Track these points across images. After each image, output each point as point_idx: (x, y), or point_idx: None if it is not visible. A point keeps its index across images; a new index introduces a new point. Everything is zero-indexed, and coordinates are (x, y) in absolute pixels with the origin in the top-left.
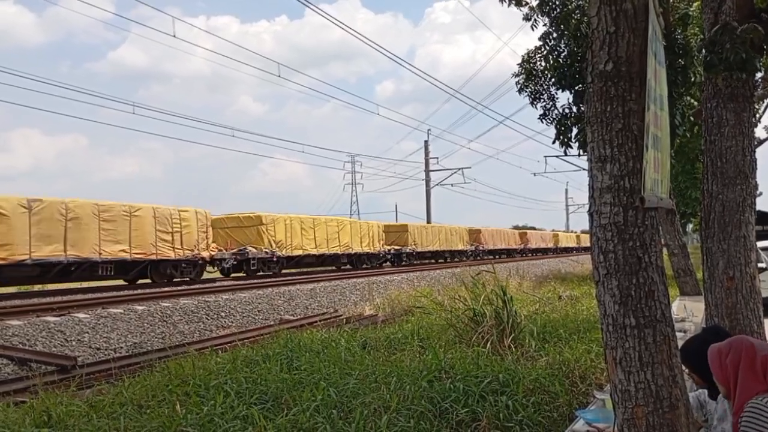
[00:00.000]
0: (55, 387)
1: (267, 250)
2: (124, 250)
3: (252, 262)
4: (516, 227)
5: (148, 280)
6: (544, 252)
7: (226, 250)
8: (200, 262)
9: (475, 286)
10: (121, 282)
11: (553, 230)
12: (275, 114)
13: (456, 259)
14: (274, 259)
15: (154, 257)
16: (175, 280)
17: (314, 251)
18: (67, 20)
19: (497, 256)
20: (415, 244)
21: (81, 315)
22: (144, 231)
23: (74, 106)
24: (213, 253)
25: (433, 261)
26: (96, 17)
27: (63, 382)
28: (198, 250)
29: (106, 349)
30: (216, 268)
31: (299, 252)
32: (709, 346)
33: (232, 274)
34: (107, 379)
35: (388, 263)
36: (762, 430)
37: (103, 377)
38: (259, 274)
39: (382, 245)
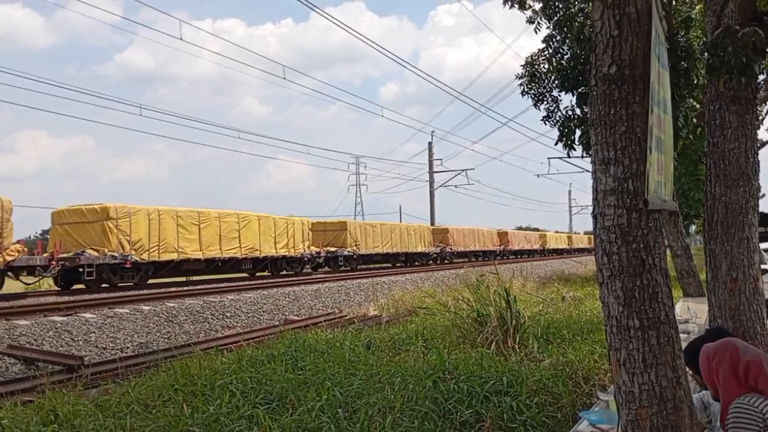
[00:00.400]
0: (61, 386)
1: (116, 253)
2: None
3: (88, 270)
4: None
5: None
6: (529, 254)
7: (57, 254)
8: None
9: (479, 288)
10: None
11: (537, 229)
12: (280, 116)
13: (416, 263)
14: (128, 265)
15: None
16: None
17: (198, 255)
18: (75, 23)
19: (470, 259)
20: (356, 246)
21: (88, 315)
22: None
23: (81, 107)
24: (12, 258)
25: (388, 265)
26: (103, 20)
27: (70, 382)
28: None
29: (112, 349)
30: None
31: (172, 256)
32: None
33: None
34: (113, 378)
35: (319, 269)
36: (747, 427)
37: (109, 377)
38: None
39: (308, 246)
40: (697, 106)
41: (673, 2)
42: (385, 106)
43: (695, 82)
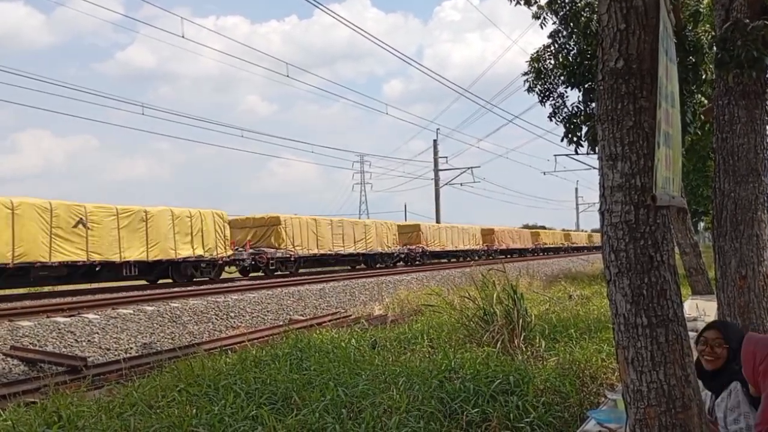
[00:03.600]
0: (65, 388)
1: None
2: None
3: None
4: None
5: None
6: (520, 254)
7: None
8: None
9: (485, 286)
10: (130, 283)
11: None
12: (284, 114)
13: (379, 265)
14: None
15: None
16: None
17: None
18: (75, 21)
19: (449, 260)
20: (294, 246)
21: (91, 316)
22: None
23: (84, 107)
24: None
25: (343, 269)
26: (104, 18)
27: (73, 383)
28: None
29: (116, 350)
30: None
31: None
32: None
33: None
34: (117, 379)
35: (248, 274)
36: None
37: (113, 378)
38: None
39: (227, 246)
40: (706, 101)
41: None
42: (390, 103)
43: (704, 77)
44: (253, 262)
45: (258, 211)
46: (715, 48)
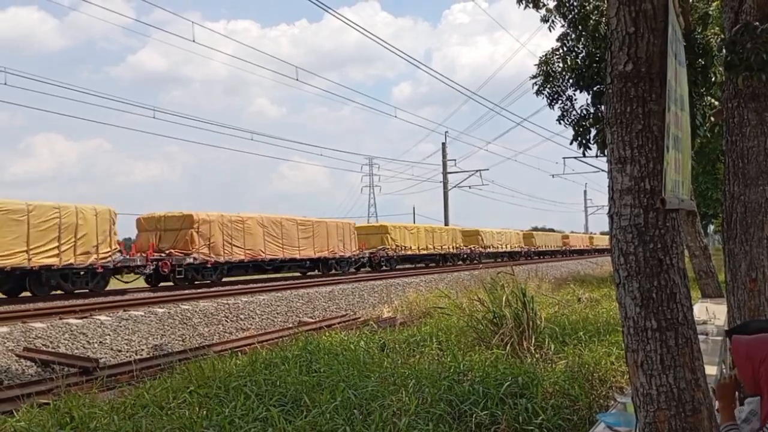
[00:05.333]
0: (77, 389)
1: None
2: None
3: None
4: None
5: None
6: (509, 257)
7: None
8: None
9: (494, 288)
10: (136, 285)
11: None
12: (293, 117)
13: (334, 272)
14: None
15: None
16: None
17: None
18: (88, 25)
19: (427, 264)
20: (211, 248)
21: (103, 317)
22: None
23: (97, 111)
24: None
25: (279, 277)
26: (116, 22)
27: (85, 384)
28: None
29: (127, 351)
30: None
31: None
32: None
33: None
34: (129, 380)
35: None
36: None
37: (124, 379)
38: None
39: (115, 251)
40: (716, 103)
41: None
42: (399, 106)
43: (713, 79)
44: (153, 270)
45: (269, 213)
46: (724, 51)
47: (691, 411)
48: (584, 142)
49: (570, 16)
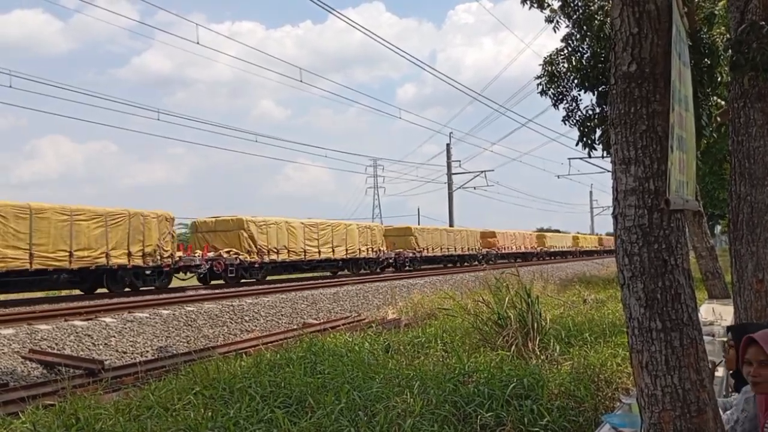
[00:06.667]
0: (83, 390)
1: None
2: None
3: None
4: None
5: None
6: (454, 261)
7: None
8: None
9: (498, 290)
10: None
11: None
12: (298, 118)
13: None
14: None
15: None
16: None
17: None
18: (92, 27)
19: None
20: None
21: (108, 319)
22: None
23: (102, 113)
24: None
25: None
26: (121, 25)
27: (91, 386)
28: None
29: (132, 353)
30: None
31: None
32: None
33: None
34: (134, 382)
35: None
36: None
37: (129, 380)
38: None
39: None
40: (722, 103)
41: None
42: (403, 107)
43: (719, 79)
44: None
45: (273, 214)
46: (730, 50)
47: (696, 412)
48: (589, 142)
49: (575, 16)
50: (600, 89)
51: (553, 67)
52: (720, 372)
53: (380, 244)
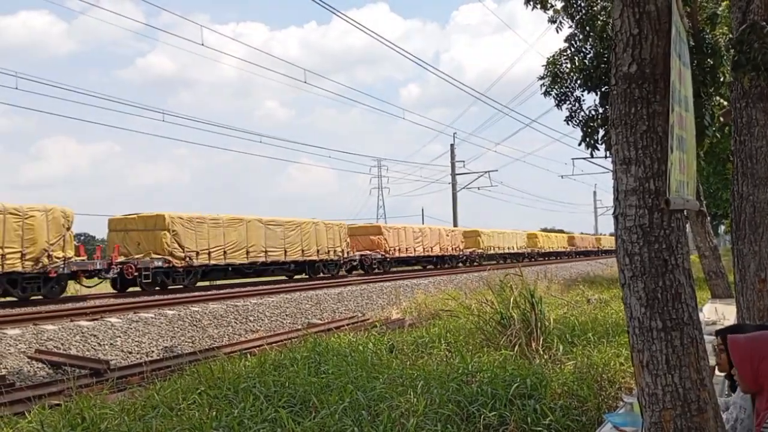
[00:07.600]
0: (88, 390)
1: None
2: None
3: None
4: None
5: None
6: (416, 262)
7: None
8: None
9: (502, 290)
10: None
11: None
12: (302, 119)
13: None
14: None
15: None
16: None
17: None
18: (97, 29)
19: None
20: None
21: (113, 319)
22: None
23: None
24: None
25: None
26: (125, 26)
27: (96, 386)
28: None
29: (137, 353)
30: None
31: None
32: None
33: None
34: (139, 382)
35: None
36: None
37: (135, 380)
38: None
39: None
40: (724, 103)
41: None
42: (407, 107)
43: (721, 79)
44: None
45: (275, 215)
46: (732, 50)
47: (697, 410)
48: (592, 142)
49: (577, 17)
50: (603, 89)
51: (556, 68)
52: None
53: (342, 244)
